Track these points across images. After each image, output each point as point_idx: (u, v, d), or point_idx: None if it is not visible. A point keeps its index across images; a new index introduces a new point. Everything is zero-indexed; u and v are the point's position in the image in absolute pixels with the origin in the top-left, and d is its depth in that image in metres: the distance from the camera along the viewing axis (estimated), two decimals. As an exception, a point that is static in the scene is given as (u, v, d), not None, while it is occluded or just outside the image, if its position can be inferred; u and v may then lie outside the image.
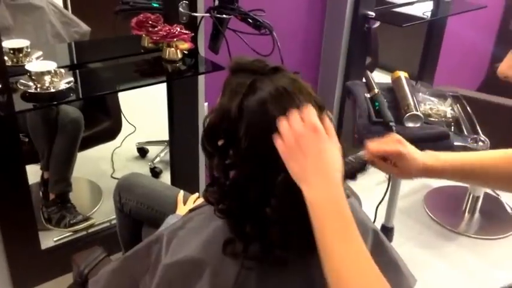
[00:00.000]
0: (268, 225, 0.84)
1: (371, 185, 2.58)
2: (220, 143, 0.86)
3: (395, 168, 0.95)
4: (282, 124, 0.78)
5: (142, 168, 2.54)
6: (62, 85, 1.48)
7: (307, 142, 0.76)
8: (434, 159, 0.96)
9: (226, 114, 0.83)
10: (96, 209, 2.22)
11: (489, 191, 2.50)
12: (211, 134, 0.86)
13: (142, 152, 2.67)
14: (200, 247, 0.91)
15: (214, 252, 0.90)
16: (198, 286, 0.90)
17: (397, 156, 0.93)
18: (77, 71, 1.71)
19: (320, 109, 0.83)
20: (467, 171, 0.97)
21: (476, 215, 2.50)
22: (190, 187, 1.63)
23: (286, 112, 0.79)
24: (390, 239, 2.05)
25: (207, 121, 0.87)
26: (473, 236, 2.36)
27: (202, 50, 1.84)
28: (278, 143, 0.78)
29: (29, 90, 1.45)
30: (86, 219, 2.06)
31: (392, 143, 0.95)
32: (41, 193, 2.14)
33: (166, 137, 2.11)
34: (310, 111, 0.79)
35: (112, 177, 2.40)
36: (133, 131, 2.53)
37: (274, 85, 0.82)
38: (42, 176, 2.13)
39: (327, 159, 0.76)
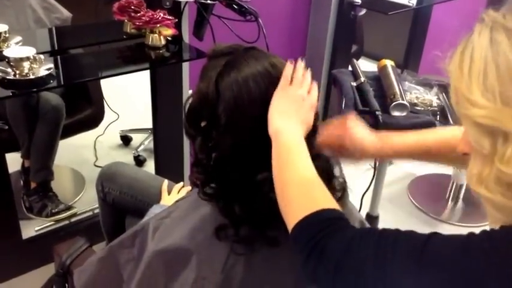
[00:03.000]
0: (256, 204, 0.86)
1: (356, 174, 2.59)
2: (202, 124, 0.88)
3: (340, 154, 1.01)
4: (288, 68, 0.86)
5: (126, 157, 2.51)
6: (42, 71, 1.44)
7: (299, 92, 0.86)
8: (379, 147, 1.00)
9: (204, 96, 0.85)
10: (78, 198, 2.19)
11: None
12: (193, 117, 0.89)
13: (125, 140, 2.64)
14: (186, 235, 0.91)
15: (202, 240, 0.90)
16: (184, 274, 0.90)
17: (341, 147, 0.99)
18: (58, 57, 1.66)
19: None
20: (406, 157, 1.05)
21: (460, 202, 2.52)
22: (175, 176, 1.62)
23: (261, 88, 0.83)
24: (375, 227, 2.06)
25: (188, 105, 0.89)
26: (456, 223, 2.38)
27: (187, 36, 1.81)
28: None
29: (8, 77, 1.41)
30: (69, 208, 2.03)
31: (338, 133, 1.00)
32: (21, 182, 2.10)
33: (150, 125, 2.09)
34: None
35: (95, 165, 2.37)
36: (117, 119, 2.50)
37: (247, 63, 0.84)
38: (22, 165, 2.09)
39: (303, 109, 0.86)
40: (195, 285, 0.90)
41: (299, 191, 0.77)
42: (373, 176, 1.78)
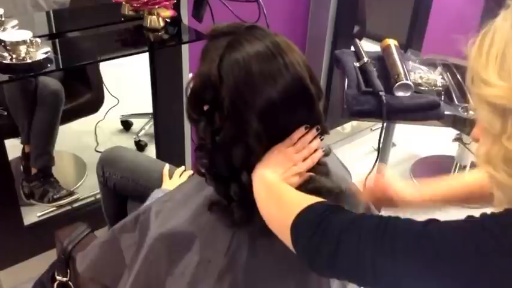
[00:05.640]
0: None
1: (359, 156, 2.58)
2: (205, 108, 0.85)
3: (384, 204, 1.15)
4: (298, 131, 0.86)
5: (127, 142, 2.49)
6: (39, 55, 1.42)
7: (294, 156, 0.87)
8: (418, 197, 1.09)
9: (207, 79, 0.82)
10: (80, 183, 2.18)
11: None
12: (195, 100, 0.86)
13: (126, 124, 2.62)
14: (189, 218, 0.91)
15: (205, 223, 0.90)
16: (187, 258, 0.90)
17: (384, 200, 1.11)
18: (55, 40, 1.63)
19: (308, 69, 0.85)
20: (443, 204, 1.16)
21: (463, 184, 2.51)
22: (176, 160, 1.60)
23: (264, 69, 0.80)
24: (378, 209, 2.05)
25: (189, 88, 0.86)
26: (460, 204, 2.37)
27: (186, 18, 1.77)
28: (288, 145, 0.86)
29: (4, 61, 1.39)
30: (70, 193, 2.01)
31: (380, 188, 1.10)
32: (21, 167, 2.09)
33: (150, 109, 2.06)
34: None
35: (96, 150, 2.35)
36: (117, 104, 2.47)
37: (250, 43, 0.81)
38: (23, 150, 2.07)
39: (288, 172, 0.87)
40: (199, 268, 0.89)
41: (280, 206, 0.81)
42: (377, 158, 1.77)
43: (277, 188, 0.82)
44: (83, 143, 2.46)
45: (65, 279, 1.20)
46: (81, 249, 1.11)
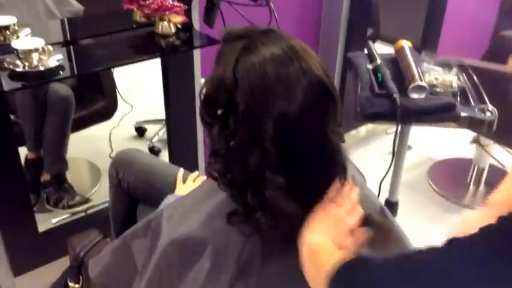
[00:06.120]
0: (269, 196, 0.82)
1: (374, 160, 2.55)
2: (219, 112, 0.83)
3: None
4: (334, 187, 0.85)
5: (141, 148, 2.49)
6: (51, 63, 1.43)
7: (339, 213, 0.84)
8: None
9: (221, 82, 0.81)
10: (95, 190, 2.19)
11: (494, 162, 2.45)
12: (209, 104, 0.84)
13: (140, 131, 2.63)
14: (201, 224, 0.90)
15: (217, 229, 0.89)
16: (199, 264, 0.89)
17: None
18: (68, 48, 1.65)
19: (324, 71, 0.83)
20: None
21: (481, 187, 2.46)
22: (189, 165, 1.59)
23: (281, 73, 0.78)
24: (394, 213, 2.02)
25: (203, 92, 0.85)
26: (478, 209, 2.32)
27: (197, 23, 1.77)
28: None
29: (17, 69, 1.40)
30: (85, 200, 2.02)
31: None
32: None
33: (164, 116, 2.07)
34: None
35: (110, 157, 2.36)
36: (131, 110, 2.48)
37: (266, 47, 0.79)
38: (26, 157, 2.06)
39: (340, 234, 0.83)
40: (210, 275, 0.88)
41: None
42: (392, 161, 1.74)
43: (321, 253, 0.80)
44: (97, 149, 2.47)
45: (77, 285, 1.20)
46: (93, 256, 1.11)
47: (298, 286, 0.87)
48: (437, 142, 2.76)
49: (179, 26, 1.67)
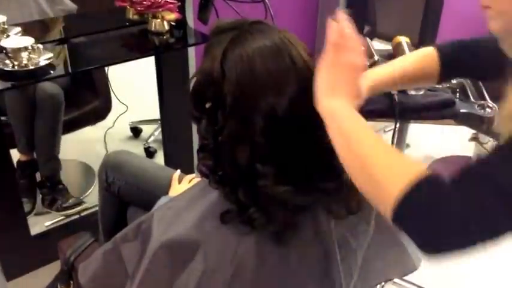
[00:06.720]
0: (260, 190, 0.81)
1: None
2: (207, 105, 0.82)
3: None
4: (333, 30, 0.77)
5: (137, 148, 2.48)
6: (41, 61, 1.40)
7: (350, 59, 0.77)
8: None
9: (209, 75, 0.79)
10: (89, 191, 2.16)
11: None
12: (197, 98, 0.83)
13: (135, 131, 2.60)
14: (193, 225, 0.87)
15: (210, 229, 0.86)
16: (191, 267, 0.87)
17: None
18: (59, 46, 1.62)
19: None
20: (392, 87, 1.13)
21: (481, 185, 2.43)
22: (185, 166, 1.56)
23: (270, 67, 0.76)
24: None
25: (191, 85, 0.84)
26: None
27: (191, 20, 1.75)
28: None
29: (6, 68, 1.38)
30: (79, 202, 1.99)
31: None
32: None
33: (159, 116, 2.04)
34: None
35: (105, 158, 2.34)
36: (126, 111, 2.45)
37: (254, 38, 0.78)
38: (18, 160, 2.01)
39: (355, 80, 0.78)
40: (203, 278, 0.85)
41: (388, 161, 0.72)
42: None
43: (360, 133, 0.74)
44: (92, 151, 2.44)
45: (68, 290, 1.17)
46: (84, 260, 1.08)
47: (294, 284, 0.86)
48: (436, 140, 2.74)
49: (173, 23, 1.65)
